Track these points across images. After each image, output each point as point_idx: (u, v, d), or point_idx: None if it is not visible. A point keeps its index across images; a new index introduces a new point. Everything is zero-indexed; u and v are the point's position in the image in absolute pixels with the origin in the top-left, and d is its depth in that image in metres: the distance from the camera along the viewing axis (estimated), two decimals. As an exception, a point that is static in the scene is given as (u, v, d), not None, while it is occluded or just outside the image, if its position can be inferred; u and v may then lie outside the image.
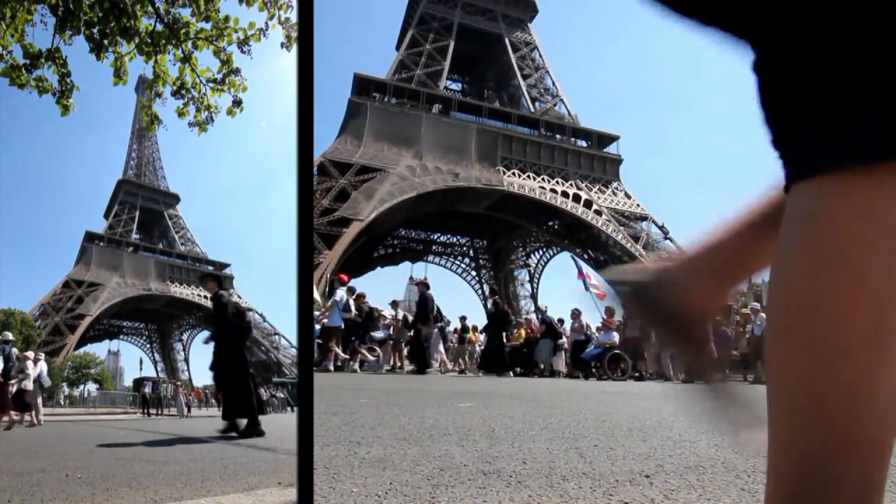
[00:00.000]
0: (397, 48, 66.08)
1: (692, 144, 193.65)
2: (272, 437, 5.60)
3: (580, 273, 15.22)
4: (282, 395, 25.69)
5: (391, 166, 53.24)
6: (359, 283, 70.32)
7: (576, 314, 12.86)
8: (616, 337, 11.76)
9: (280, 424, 10.12)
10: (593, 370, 11.50)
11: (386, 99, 58.60)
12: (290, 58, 3.62)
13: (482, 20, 67.17)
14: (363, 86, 57.93)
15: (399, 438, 2.58)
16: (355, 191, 50.80)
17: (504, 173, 57.72)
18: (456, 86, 74.91)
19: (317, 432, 2.61)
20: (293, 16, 3.51)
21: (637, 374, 12.17)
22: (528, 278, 73.46)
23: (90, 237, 76.06)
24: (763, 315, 15.91)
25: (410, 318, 12.34)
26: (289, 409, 23.25)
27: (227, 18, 3.57)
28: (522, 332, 13.18)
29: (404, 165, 53.92)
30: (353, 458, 2.11)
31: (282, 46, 3.54)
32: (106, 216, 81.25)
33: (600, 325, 12.21)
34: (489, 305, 12.25)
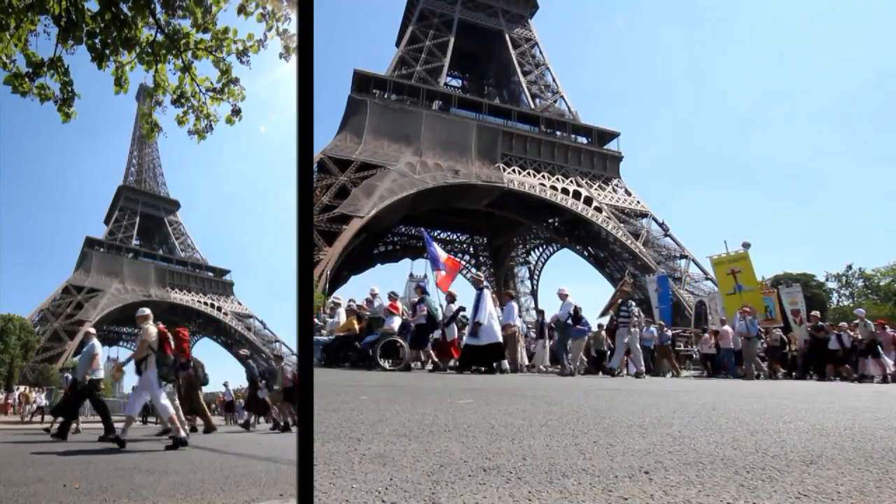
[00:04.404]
0: (397, 44, 65.98)
1: (692, 142, 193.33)
2: (273, 447, 5.58)
3: (436, 257, 13.29)
4: None
5: (391, 163, 53.19)
6: (359, 281, 70.18)
7: (392, 297, 11.82)
8: (396, 323, 10.77)
9: (281, 435, 10.13)
10: (360, 359, 10.44)
11: (386, 95, 58.51)
12: (289, 68, 3.65)
13: (482, 16, 67.04)
14: (363, 82, 57.82)
15: (399, 435, 2.58)
16: (355, 188, 50.76)
17: (504, 170, 57.68)
18: (456, 82, 74.84)
19: (317, 429, 2.62)
20: (291, 27, 3.53)
21: (427, 364, 11.09)
22: (528, 275, 73.55)
23: (90, 243, 76.13)
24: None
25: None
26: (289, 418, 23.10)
27: (226, 30, 3.60)
28: (354, 322, 11.80)
29: (404, 162, 53.87)
30: (354, 455, 2.12)
31: (280, 57, 3.59)
32: (106, 222, 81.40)
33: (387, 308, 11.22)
34: None
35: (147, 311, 6.95)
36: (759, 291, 19.85)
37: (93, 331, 8.18)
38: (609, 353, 14.73)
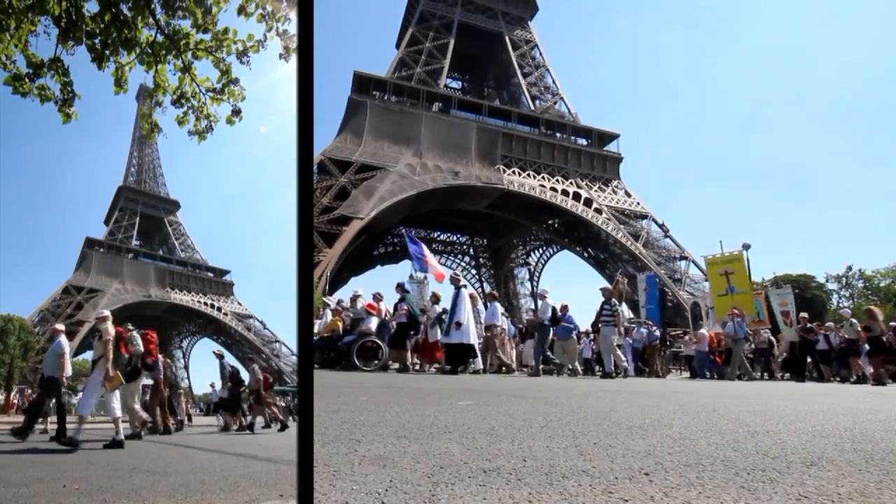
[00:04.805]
0: (397, 46, 66.08)
1: (692, 143, 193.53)
2: (273, 448, 5.56)
3: (418, 255, 12.44)
4: (282, 405, 25.38)
5: (391, 164, 53.22)
6: (359, 282, 70.13)
7: (377, 297, 11.55)
8: (374, 324, 10.51)
9: (281, 435, 10.12)
10: (344, 360, 10.14)
11: (386, 97, 58.56)
12: (289, 68, 3.65)
13: (482, 18, 67.13)
14: (363, 84, 57.88)
15: (399, 436, 2.58)
16: (355, 189, 50.77)
17: (504, 171, 57.70)
18: (456, 84, 74.92)
19: (317, 430, 2.62)
20: (292, 28, 3.53)
21: (398, 366, 10.74)
22: (528, 276, 73.53)
23: (90, 243, 76.13)
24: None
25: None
26: (290, 418, 22.99)
27: (226, 30, 3.61)
28: (338, 322, 11.46)
29: (404, 164, 53.89)
30: (354, 456, 2.11)
31: (280, 57, 3.59)
32: (106, 222, 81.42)
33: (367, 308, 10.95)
34: None
35: (106, 312, 7.07)
36: (750, 293, 19.72)
37: (61, 328, 7.90)
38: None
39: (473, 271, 76.15)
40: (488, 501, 1.60)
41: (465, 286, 10.96)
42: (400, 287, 11.66)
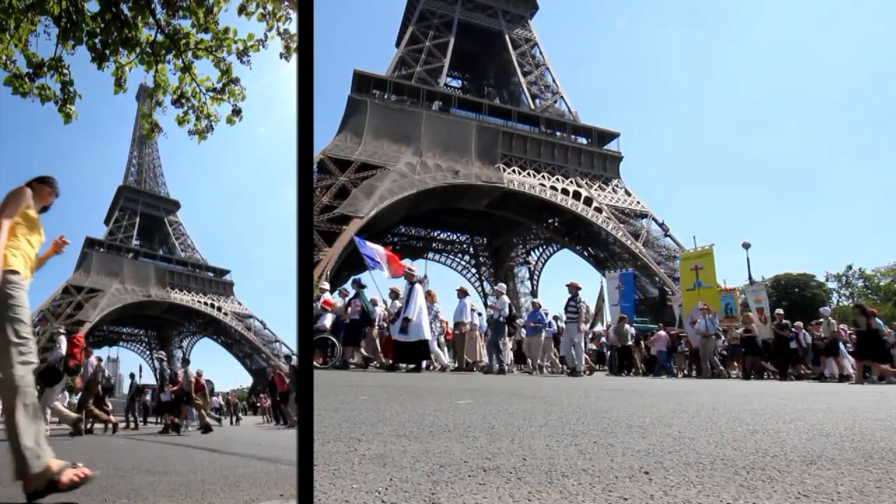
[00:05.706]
0: (397, 45, 66.05)
1: (692, 142, 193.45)
2: (273, 447, 5.55)
3: (370, 256, 11.67)
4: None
5: (391, 163, 53.21)
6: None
7: (342, 293, 11.57)
8: (328, 321, 10.46)
9: (281, 435, 10.11)
10: None
11: (386, 96, 58.53)
12: (290, 67, 3.66)
13: (482, 17, 67.10)
14: (363, 83, 57.86)
15: (399, 435, 2.58)
16: (355, 188, 50.78)
17: (504, 170, 57.69)
18: (456, 83, 74.89)
19: (317, 429, 2.62)
20: (292, 27, 3.54)
21: (354, 363, 10.55)
22: (528, 275, 73.55)
23: (90, 243, 76.08)
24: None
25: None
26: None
27: (226, 30, 3.61)
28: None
29: (404, 162, 53.89)
30: (354, 455, 2.12)
31: (281, 57, 3.59)
32: (106, 222, 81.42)
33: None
34: None
35: None
36: (715, 289, 19.75)
37: None
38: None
39: (473, 270, 76.18)
40: (488, 500, 1.60)
41: (419, 281, 10.73)
42: (356, 283, 11.36)
